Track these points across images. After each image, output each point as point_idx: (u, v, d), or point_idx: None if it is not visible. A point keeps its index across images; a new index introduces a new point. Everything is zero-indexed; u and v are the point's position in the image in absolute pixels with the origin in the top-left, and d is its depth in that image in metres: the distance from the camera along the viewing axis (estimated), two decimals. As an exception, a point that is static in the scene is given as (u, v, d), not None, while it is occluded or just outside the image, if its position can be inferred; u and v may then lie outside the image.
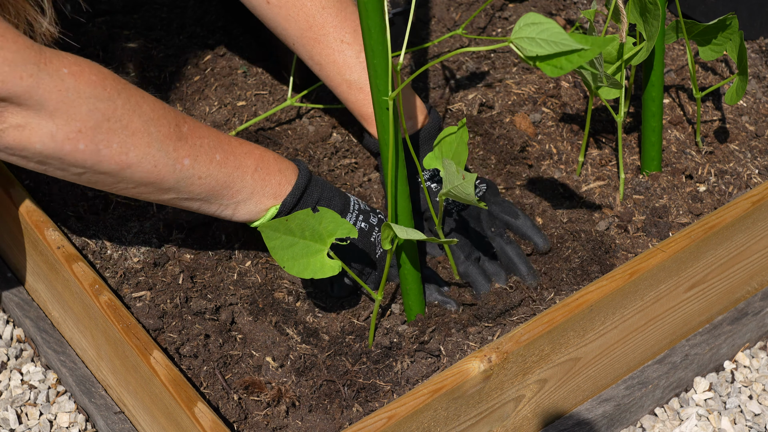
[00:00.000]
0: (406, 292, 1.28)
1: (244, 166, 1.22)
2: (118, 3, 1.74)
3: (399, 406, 1.13)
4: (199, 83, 1.64)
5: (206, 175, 1.19)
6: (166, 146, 1.15)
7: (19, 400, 1.39)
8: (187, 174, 1.18)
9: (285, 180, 1.24)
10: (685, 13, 1.72)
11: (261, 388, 1.21)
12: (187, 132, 1.18)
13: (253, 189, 1.22)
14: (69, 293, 1.32)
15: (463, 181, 1.16)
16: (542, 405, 1.29)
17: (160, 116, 1.15)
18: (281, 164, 1.25)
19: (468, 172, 1.18)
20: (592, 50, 1.06)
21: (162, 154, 1.15)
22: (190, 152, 1.17)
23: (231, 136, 1.24)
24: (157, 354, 1.18)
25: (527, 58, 1.08)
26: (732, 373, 1.46)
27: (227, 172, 1.20)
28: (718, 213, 1.33)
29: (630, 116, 1.57)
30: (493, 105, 1.58)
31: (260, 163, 1.23)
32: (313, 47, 1.38)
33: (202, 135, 1.19)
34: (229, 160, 1.21)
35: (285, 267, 1.16)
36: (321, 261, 1.17)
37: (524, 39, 1.08)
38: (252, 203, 1.23)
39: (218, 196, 1.21)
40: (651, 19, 1.33)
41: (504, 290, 1.32)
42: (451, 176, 1.17)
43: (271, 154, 1.25)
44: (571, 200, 1.44)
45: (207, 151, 1.19)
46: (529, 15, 1.07)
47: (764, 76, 1.65)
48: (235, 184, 1.21)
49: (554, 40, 1.06)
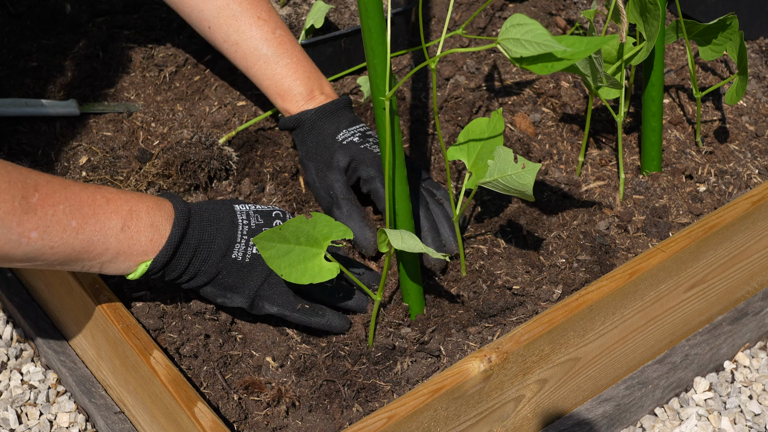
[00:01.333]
0: (406, 292, 1.28)
1: (107, 228, 1.15)
2: (118, 3, 1.74)
3: (399, 406, 1.13)
4: (199, 83, 1.64)
5: (60, 245, 1.13)
6: (8, 222, 1.09)
7: (19, 400, 1.39)
8: (36, 246, 1.12)
9: (158, 235, 1.18)
10: (685, 13, 1.72)
11: (261, 388, 1.21)
12: (36, 202, 1.11)
13: (119, 250, 1.17)
14: (69, 293, 1.32)
15: (521, 170, 1.14)
16: (542, 405, 1.29)
17: (3, 190, 1.09)
18: (155, 217, 1.19)
19: (529, 161, 1.16)
20: (580, 52, 1.05)
21: (4, 231, 1.09)
22: (39, 224, 1.11)
23: (100, 192, 1.17)
24: (157, 354, 1.18)
25: (513, 60, 1.08)
26: (732, 373, 1.46)
27: (85, 237, 1.14)
28: (718, 213, 1.33)
29: (630, 116, 1.57)
30: (493, 105, 1.58)
31: (129, 221, 1.17)
32: (230, 25, 1.40)
33: (56, 202, 1.12)
34: (88, 224, 1.14)
35: (283, 275, 1.15)
36: (319, 264, 1.17)
37: (510, 40, 1.07)
38: (119, 262, 1.18)
39: (78, 260, 1.16)
40: (651, 19, 1.33)
41: (505, 290, 1.32)
42: (504, 164, 1.14)
43: (144, 207, 1.19)
44: (571, 200, 1.44)
45: (60, 220, 1.12)
46: (516, 16, 1.07)
47: (764, 76, 1.65)
48: (96, 248, 1.15)
49: (538, 41, 1.05)
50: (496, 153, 1.16)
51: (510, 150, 1.17)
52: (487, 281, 1.33)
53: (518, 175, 1.15)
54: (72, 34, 1.72)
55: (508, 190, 1.18)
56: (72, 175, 1.47)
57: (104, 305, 1.24)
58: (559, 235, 1.39)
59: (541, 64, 1.06)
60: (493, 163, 1.17)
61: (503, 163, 1.16)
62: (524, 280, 1.33)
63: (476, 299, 1.31)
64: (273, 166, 1.50)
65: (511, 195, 1.20)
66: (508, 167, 1.15)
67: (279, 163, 1.50)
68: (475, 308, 1.30)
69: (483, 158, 1.25)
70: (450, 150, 1.28)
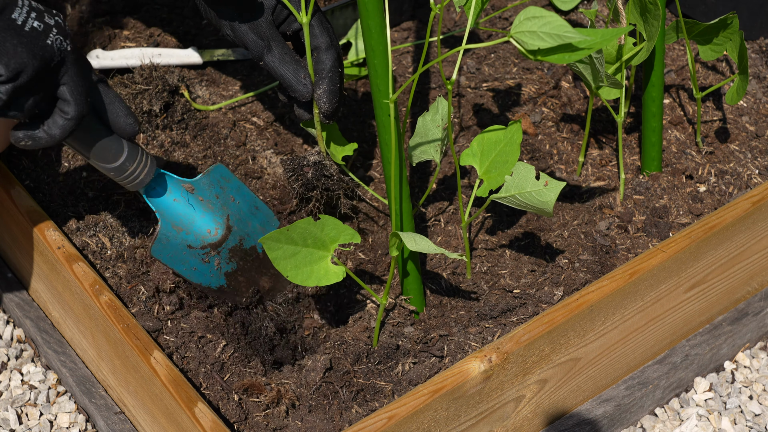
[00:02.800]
0: (406, 292, 1.28)
1: None
2: (118, 3, 1.74)
3: (399, 407, 1.13)
4: (200, 83, 1.64)
5: None
6: None
7: (20, 401, 1.39)
8: None
9: None
10: (685, 13, 1.72)
11: (260, 389, 1.21)
12: None
13: None
14: (69, 293, 1.32)
15: (543, 188, 1.13)
16: (542, 405, 1.29)
17: None
18: None
19: (553, 179, 1.15)
20: (597, 42, 1.06)
21: None
22: None
23: None
24: (157, 354, 1.18)
25: (528, 52, 1.08)
26: (732, 373, 1.46)
27: None
28: (719, 213, 1.33)
29: (630, 116, 1.57)
30: (493, 105, 1.58)
31: None
32: None
33: None
34: None
35: (289, 276, 1.15)
36: (325, 268, 1.17)
37: (525, 33, 1.07)
38: None
39: None
40: (651, 19, 1.33)
41: (505, 291, 1.32)
42: (523, 180, 1.13)
43: None
44: (571, 200, 1.44)
45: None
46: (530, 9, 1.07)
47: (764, 76, 1.65)
48: None
49: (557, 33, 1.06)
50: (515, 169, 1.16)
51: (532, 167, 1.17)
52: (489, 282, 1.33)
53: (538, 192, 1.14)
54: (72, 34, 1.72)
55: (525, 206, 1.18)
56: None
57: (104, 305, 1.24)
58: (561, 235, 1.39)
59: (559, 55, 1.06)
60: (510, 179, 1.16)
61: (522, 179, 1.15)
62: (527, 282, 1.33)
63: (477, 300, 1.31)
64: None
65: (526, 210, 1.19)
66: (528, 183, 1.14)
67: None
68: (477, 308, 1.30)
69: (497, 167, 1.24)
70: (462, 155, 1.27)
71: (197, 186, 1.27)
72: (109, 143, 1.19)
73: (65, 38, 1.09)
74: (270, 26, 1.25)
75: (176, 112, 1.51)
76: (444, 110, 1.30)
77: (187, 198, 1.26)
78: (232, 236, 1.27)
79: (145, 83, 1.49)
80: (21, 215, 1.36)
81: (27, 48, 1.04)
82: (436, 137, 1.30)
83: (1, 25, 1.03)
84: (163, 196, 1.25)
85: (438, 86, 1.62)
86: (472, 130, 1.55)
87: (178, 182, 1.26)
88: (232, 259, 1.28)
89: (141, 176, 1.22)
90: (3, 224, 1.45)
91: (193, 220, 1.26)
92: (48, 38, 1.06)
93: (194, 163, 1.46)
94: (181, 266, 1.25)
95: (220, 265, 1.27)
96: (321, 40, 1.24)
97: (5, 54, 1.03)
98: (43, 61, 1.06)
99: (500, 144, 1.25)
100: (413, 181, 1.47)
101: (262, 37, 1.24)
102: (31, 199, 1.37)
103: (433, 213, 1.43)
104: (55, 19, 1.08)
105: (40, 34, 1.05)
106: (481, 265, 1.35)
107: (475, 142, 1.26)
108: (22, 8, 1.05)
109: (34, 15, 1.05)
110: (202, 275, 1.27)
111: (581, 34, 1.05)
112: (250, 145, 1.51)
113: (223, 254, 1.28)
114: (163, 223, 1.24)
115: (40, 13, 1.07)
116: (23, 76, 1.05)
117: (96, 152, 1.19)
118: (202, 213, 1.26)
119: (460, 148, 1.52)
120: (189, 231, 1.25)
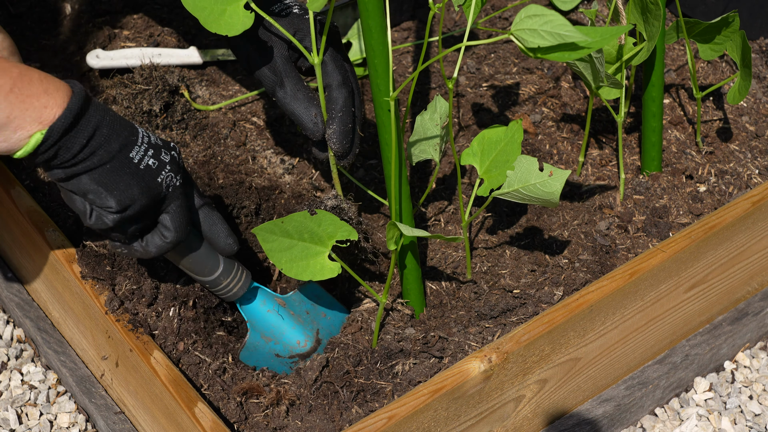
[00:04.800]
0: (407, 292, 1.28)
1: None
2: (118, 3, 1.74)
3: (399, 407, 1.13)
4: (200, 83, 1.64)
5: None
6: None
7: (20, 401, 1.39)
8: None
9: (53, 103, 1.06)
10: (685, 13, 1.72)
11: (260, 391, 1.21)
12: None
13: (10, 114, 1.04)
14: (69, 293, 1.32)
15: (548, 178, 1.13)
16: (542, 405, 1.29)
17: None
18: (48, 84, 1.07)
19: (557, 168, 1.14)
20: (597, 41, 1.06)
21: None
22: None
23: None
24: (157, 354, 1.18)
25: (528, 50, 1.08)
26: (732, 373, 1.46)
27: None
28: (719, 213, 1.33)
29: (630, 116, 1.57)
30: (493, 105, 1.58)
31: (18, 83, 1.05)
32: None
33: None
34: None
35: (283, 269, 1.14)
36: (321, 263, 1.16)
37: (525, 31, 1.07)
38: (10, 130, 1.05)
39: None
40: (652, 19, 1.33)
41: (505, 291, 1.32)
42: (526, 173, 1.13)
43: (36, 74, 1.07)
44: (571, 200, 1.44)
45: None
46: (530, 7, 1.07)
47: (764, 76, 1.65)
48: None
49: (558, 31, 1.05)
50: (517, 162, 1.16)
51: (534, 159, 1.17)
52: (489, 282, 1.33)
53: (543, 183, 1.14)
54: (72, 34, 1.72)
55: (529, 200, 1.18)
56: None
57: (104, 305, 1.24)
58: (561, 235, 1.39)
59: (559, 53, 1.06)
60: (512, 173, 1.15)
61: (525, 173, 1.14)
62: (527, 282, 1.33)
63: (477, 300, 1.31)
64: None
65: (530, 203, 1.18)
66: (531, 176, 1.14)
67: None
68: (477, 308, 1.30)
69: (498, 166, 1.23)
70: (463, 154, 1.27)
71: (288, 302, 1.27)
72: (206, 259, 1.21)
73: (176, 174, 1.14)
74: (285, 61, 1.23)
75: (176, 112, 1.51)
76: (442, 109, 1.30)
77: (278, 310, 1.26)
78: (321, 348, 1.27)
79: (145, 83, 1.49)
80: (21, 215, 1.36)
81: (139, 185, 1.11)
82: (434, 136, 1.30)
83: (119, 162, 1.10)
84: (256, 305, 1.26)
85: (438, 86, 1.62)
86: (471, 129, 1.55)
87: (272, 296, 1.26)
88: None
89: (235, 290, 1.24)
90: (3, 224, 1.45)
91: (284, 331, 1.26)
92: (159, 176, 1.13)
93: (194, 163, 1.46)
94: (265, 366, 1.27)
95: None
96: (333, 78, 1.21)
97: (117, 189, 1.10)
98: (152, 197, 1.13)
99: (501, 143, 1.25)
100: (413, 180, 1.47)
101: (276, 72, 1.23)
102: (31, 199, 1.37)
103: (433, 213, 1.43)
104: (171, 154, 1.15)
105: (153, 171, 1.12)
106: (481, 265, 1.35)
107: (476, 141, 1.26)
108: (140, 146, 1.12)
109: (150, 153, 1.12)
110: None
111: (581, 32, 1.05)
112: (250, 145, 1.51)
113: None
114: (252, 333, 1.25)
115: (157, 149, 1.13)
116: (131, 210, 1.12)
117: (192, 265, 1.21)
118: (293, 325, 1.26)
119: (460, 148, 1.52)
120: (278, 341, 1.26)
